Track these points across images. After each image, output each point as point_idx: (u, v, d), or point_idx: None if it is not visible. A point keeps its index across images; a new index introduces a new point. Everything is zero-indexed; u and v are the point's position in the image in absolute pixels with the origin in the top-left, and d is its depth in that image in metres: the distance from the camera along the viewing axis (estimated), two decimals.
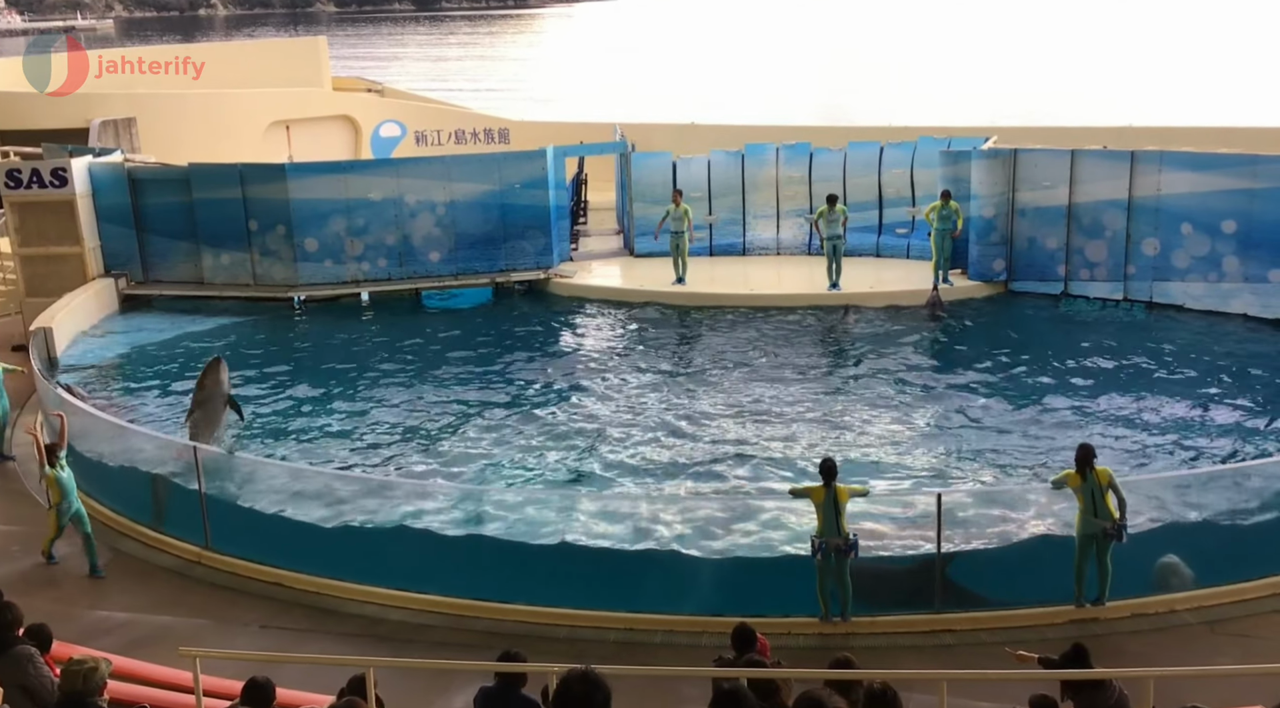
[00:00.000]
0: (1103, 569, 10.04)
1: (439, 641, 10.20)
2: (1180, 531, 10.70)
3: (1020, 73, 69.56)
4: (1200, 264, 18.00)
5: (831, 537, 9.88)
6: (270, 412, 15.61)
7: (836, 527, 9.88)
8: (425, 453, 14.12)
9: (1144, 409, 14.61)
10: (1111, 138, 21.39)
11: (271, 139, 28.56)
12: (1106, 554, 9.98)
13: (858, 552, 9.96)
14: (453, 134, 30.43)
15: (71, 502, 11.65)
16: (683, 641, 10.00)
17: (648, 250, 22.00)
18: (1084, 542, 10.00)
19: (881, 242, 21.66)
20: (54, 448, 11.72)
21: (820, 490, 9.94)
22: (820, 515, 9.93)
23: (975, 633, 10.04)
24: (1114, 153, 18.77)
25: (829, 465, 10.08)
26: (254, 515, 11.86)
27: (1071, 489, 9.98)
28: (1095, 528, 9.89)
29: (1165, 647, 9.64)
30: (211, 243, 20.63)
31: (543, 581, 10.78)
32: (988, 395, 15.30)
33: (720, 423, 14.75)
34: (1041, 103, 50.41)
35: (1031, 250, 19.29)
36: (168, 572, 11.82)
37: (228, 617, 10.83)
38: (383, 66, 77.33)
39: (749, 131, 26.25)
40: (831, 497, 9.88)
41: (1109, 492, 9.86)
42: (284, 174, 20.60)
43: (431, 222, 20.67)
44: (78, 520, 11.70)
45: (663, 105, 52.27)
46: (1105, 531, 9.86)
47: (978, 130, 23.65)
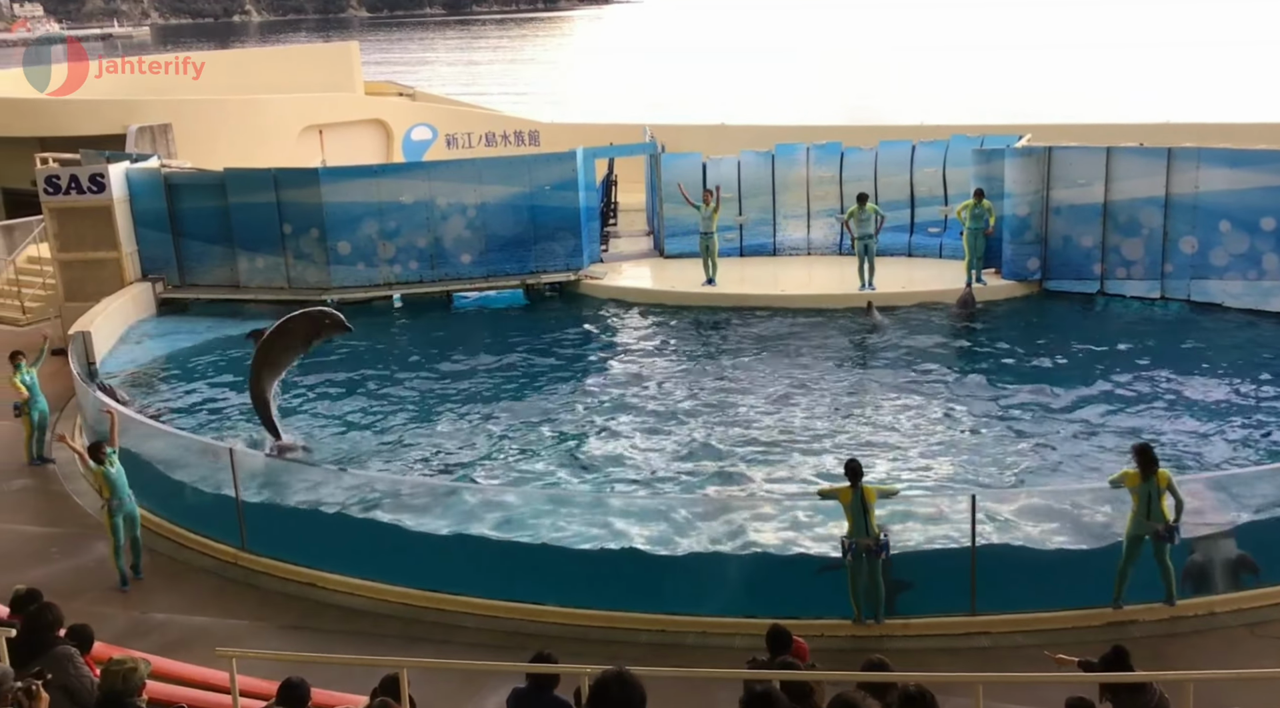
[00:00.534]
0: (1164, 569, 9.93)
1: (472, 642, 10.23)
2: (1220, 532, 10.53)
3: (1054, 69, 68.90)
4: (1239, 262, 17.74)
5: (861, 538, 9.84)
6: (305, 414, 15.72)
7: (866, 527, 9.82)
8: (457, 454, 14.17)
9: (1182, 409, 14.40)
10: (1148, 135, 21.13)
11: (305, 143, 28.79)
12: (1164, 555, 9.87)
13: (888, 552, 9.90)
14: (483, 137, 30.57)
15: (123, 501, 11.55)
16: (716, 642, 9.98)
17: (678, 251, 21.98)
18: (1132, 543, 9.89)
19: (914, 241, 21.51)
20: (99, 446, 11.67)
21: (847, 491, 9.90)
22: (849, 517, 9.89)
23: (1011, 635, 9.94)
24: (1150, 150, 18.54)
25: (854, 466, 10.03)
26: (289, 517, 11.95)
27: (1128, 489, 9.85)
28: (1146, 529, 9.77)
29: (1205, 650, 9.50)
30: (246, 247, 20.82)
31: (575, 582, 10.79)
32: (1022, 396, 15.14)
33: (751, 424, 14.70)
34: (1076, 100, 49.90)
35: (1067, 249, 19.09)
36: (204, 573, 11.95)
37: (263, 617, 10.92)
38: (414, 71, 77.88)
39: (779, 132, 26.16)
40: (859, 497, 9.84)
41: (1165, 494, 9.74)
42: (317, 178, 20.76)
43: (462, 224, 20.76)
44: (129, 522, 11.68)
45: (692, 106, 52.24)
46: (1157, 532, 9.74)
47: (1011, 128, 23.43)
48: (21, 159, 23.97)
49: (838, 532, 10.22)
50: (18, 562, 12.04)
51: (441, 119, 31.12)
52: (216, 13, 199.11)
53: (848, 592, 10.08)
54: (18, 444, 14.99)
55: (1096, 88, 56.90)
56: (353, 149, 29.04)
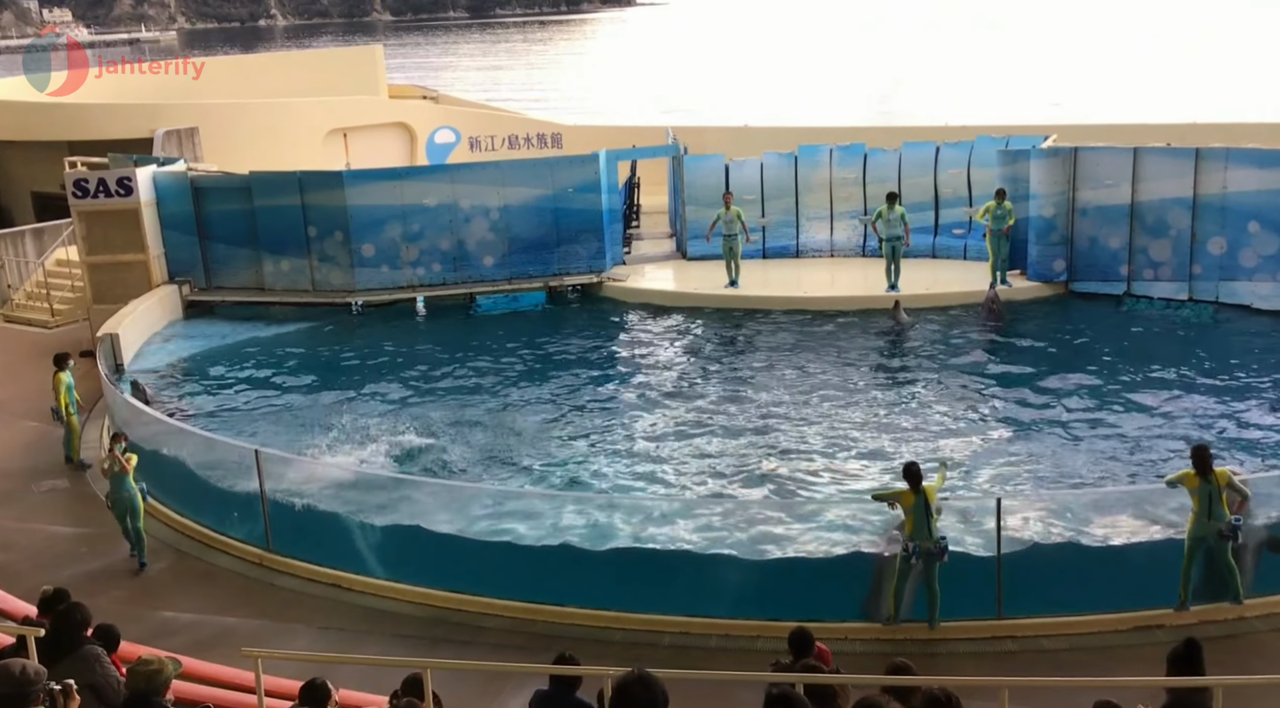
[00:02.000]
0: (1229, 569, 9.87)
1: (495, 643, 10.26)
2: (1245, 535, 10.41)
3: (1080, 70, 68.40)
4: (1268, 263, 17.54)
5: (924, 540, 9.77)
6: (332, 416, 15.81)
7: (929, 530, 9.77)
8: (482, 456, 14.20)
9: (1212, 411, 14.26)
10: (1175, 135, 20.93)
11: (330, 147, 28.97)
12: (1227, 555, 9.81)
13: (947, 555, 9.84)
14: (506, 139, 30.65)
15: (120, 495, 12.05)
16: (738, 645, 9.95)
17: (700, 253, 21.95)
18: (1194, 544, 9.83)
19: (938, 243, 21.39)
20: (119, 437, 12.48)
21: (909, 495, 9.83)
22: (911, 520, 9.80)
23: (1037, 639, 9.87)
24: (1178, 150, 18.37)
25: (914, 470, 9.93)
26: (314, 518, 12.02)
27: (1188, 491, 9.79)
28: (1209, 530, 9.71)
29: (1236, 654, 9.40)
30: (272, 250, 20.96)
31: (598, 583, 10.79)
32: (1048, 398, 15.04)
33: (776, 426, 14.66)
34: (1102, 100, 49.52)
35: (1093, 250, 18.94)
36: (230, 574, 12.03)
37: (288, 618, 10.98)
38: (437, 74, 78.21)
39: (802, 133, 26.07)
40: (922, 500, 9.78)
41: (1226, 493, 9.67)
42: (342, 181, 20.88)
43: (485, 226, 20.82)
44: (133, 514, 12.04)
45: (715, 108, 52.20)
46: (1220, 532, 9.68)
47: (1036, 128, 23.27)
48: (50, 162, 24.25)
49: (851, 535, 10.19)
50: (47, 561, 12.19)
51: (465, 122, 31.24)
52: (242, 17, 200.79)
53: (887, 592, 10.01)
54: (47, 446, 15.16)
55: (1123, 88, 56.45)
56: (377, 152, 29.19)
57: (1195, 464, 9.77)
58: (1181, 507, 10.44)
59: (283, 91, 30.85)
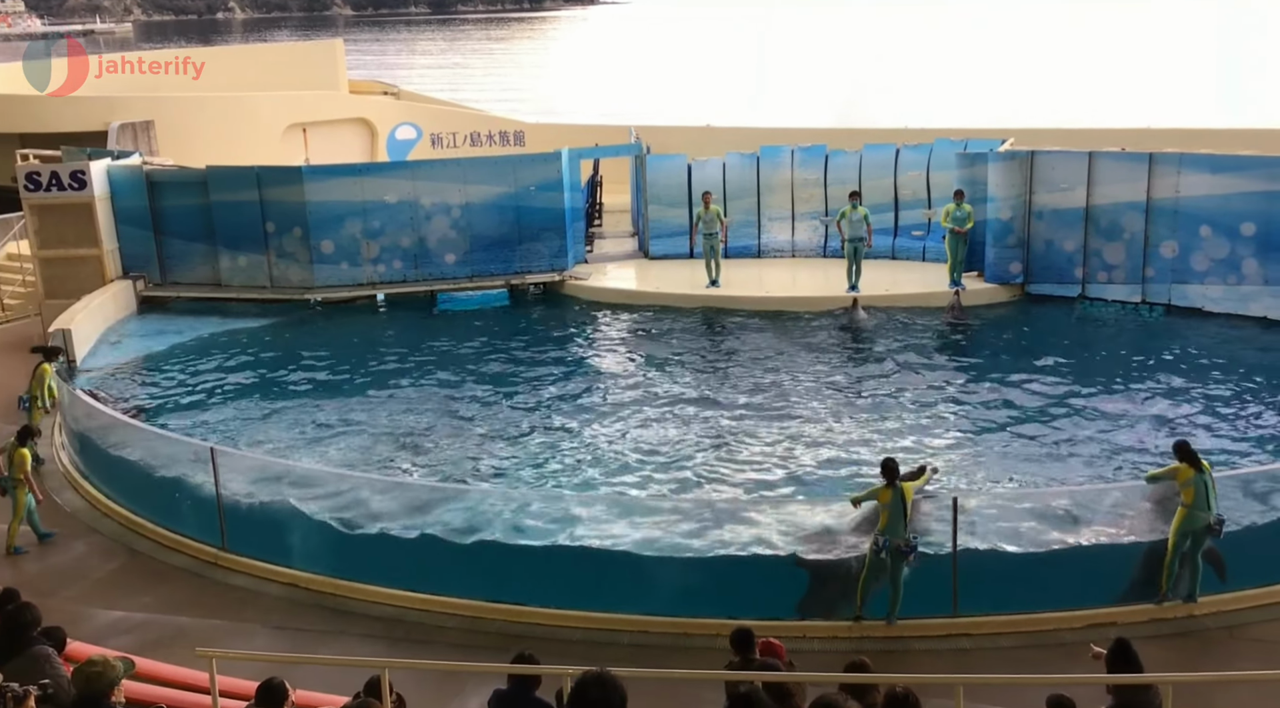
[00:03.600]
0: (1195, 567, 10.00)
1: (454, 642, 10.22)
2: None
3: (1037, 74, 69.29)
4: (1219, 267, 17.87)
5: (896, 537, 9.80)
6: (288, 413, 15.66)
7: (903, 527, 9.80)
8: (440, 454, 14.14)
9: (1164, 413, 14.49)
10: (1129, 139, 21.26)
11: (288, 142, 28.69)
12: (1199, 552, 9.94)
13: (917, 555, 9.89)
14: (468, 137, 30.52)
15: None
16: (698, 644, 9.98)
17: (662, 253, 22.01)
18: (1181, 538, 9.92)
19: (897, 244, 21.59)
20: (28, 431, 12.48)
21: (886, 491, 9.88)
22: (886, 515, 9.83)
23: (993, 637, 9.98)
24: (1132, 154, 18.65)
25: (891, 465, 9.98)
26: (270, 516, 11.89)
27: (1179, 484, 9.88)
28: (1201, 523, 9.81)
29: (1185, 651, 9.57)
30: (229, 245, 20.73)
31: (557, 582, 10.77)
32: (1004, 398, 15.21)
33: (735, 425, 14.72)
34: (1059, 104, 50.20)
35: (1049, 253, 19.19)
36: (184, 573, 11.87)
37: (244, 618, 10.87)
38: (398, 70, 77.67)
39: (764, 134, 26.21)
40: (899, 496, 9.82)
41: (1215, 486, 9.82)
42: (300, 177, 20.69)
43: (447, 224, 20.72)
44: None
45: (678, 108, 52.29)
46: (1209, 525, 9.78)
47: (994, 132, 23.51)
48: (2, 156, 23.80)
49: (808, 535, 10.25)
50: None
51: (426, 118, 31.05)
52: (200, 9, 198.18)
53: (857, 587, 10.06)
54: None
55: (1080, 92, 57.24)
56: (337, 148, 28.95)
57: (1183, 457, 9.87)
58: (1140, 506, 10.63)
59: (241, 86, 30.49)
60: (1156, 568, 10.19)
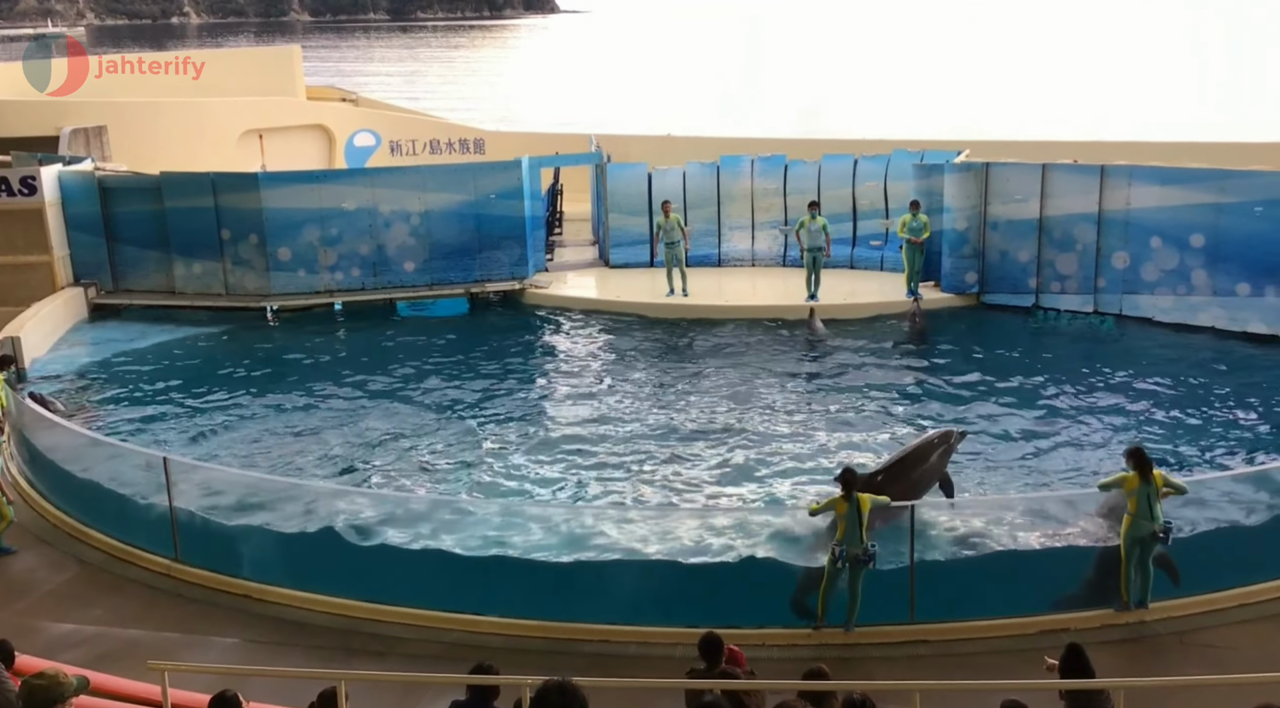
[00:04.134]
0: (1146, 573, 10.12)
1: (412, 653, 10.13)
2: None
3: (992, 87, 70.26)
4: (1169, 277, 18.19)
5: (853, 547, 9.82)
6: (242, 423, 15.49)
7: (860, 537, 9.84)
8: (398, 464, 14.04)
9: (1114, 422, 14.72)
10: (1082, 152, 21.60)
11: (245, 148, 28.40)
12: (1149, 558, 10.07)
13: (876, 563, 9.92)
14: (427, 144, 30.37)
15: None
16: (657, 652, 9.98)
17: (623, 261, 22.04)
18: (1132, 545, 10.06)
19: (856, 254, 21.77)
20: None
21: (842, 502, 9.89)
22: (844, 526, 9.85)
23: (948, 644, 10.07)
24: (1084, 167, 18.96)
25: (848, 476, 10.00)
26: (224, 527, 11.74)
27: (1125, 492, 10.02)
28: (1146, 531, 9.95)
29: (1136, 657, 9.71)
30: (183, 252, 20.50)
31: (516, 592, 10.73)
32: (960, 407, 15.37)
33: (694, 434, 14.75)
34: (1014, 117, 50.94)
35: (1004, 263, 19.45)
36: (136, 584, 11.67)
37: (198, 630, 10.71)
38: (357, 76, 77.22)
39: (724, 143, 26.33)
40: (855, 507, 9.84)
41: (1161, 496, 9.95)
42: (257, 183, 20.50)
43: (406, 231, 20.61)
44: None
45: (638, 117, 52.42)
46: (1154, 533, 9.94)
47: (950, 144, 23.84)
48: None
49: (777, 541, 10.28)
50: None
51: (385, 125, 30.89)
52: (154, 14, 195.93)
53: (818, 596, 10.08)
54: None
55: (1034, 105, 58.11)
56: (294, 154, 28.71)
57: (1134, 466, 10.01)
58: (1093, 513, 10.79)
59: (196, 91, 30.16)
60: (1109, 574, 10.34)
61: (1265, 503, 11.00)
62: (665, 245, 20.10)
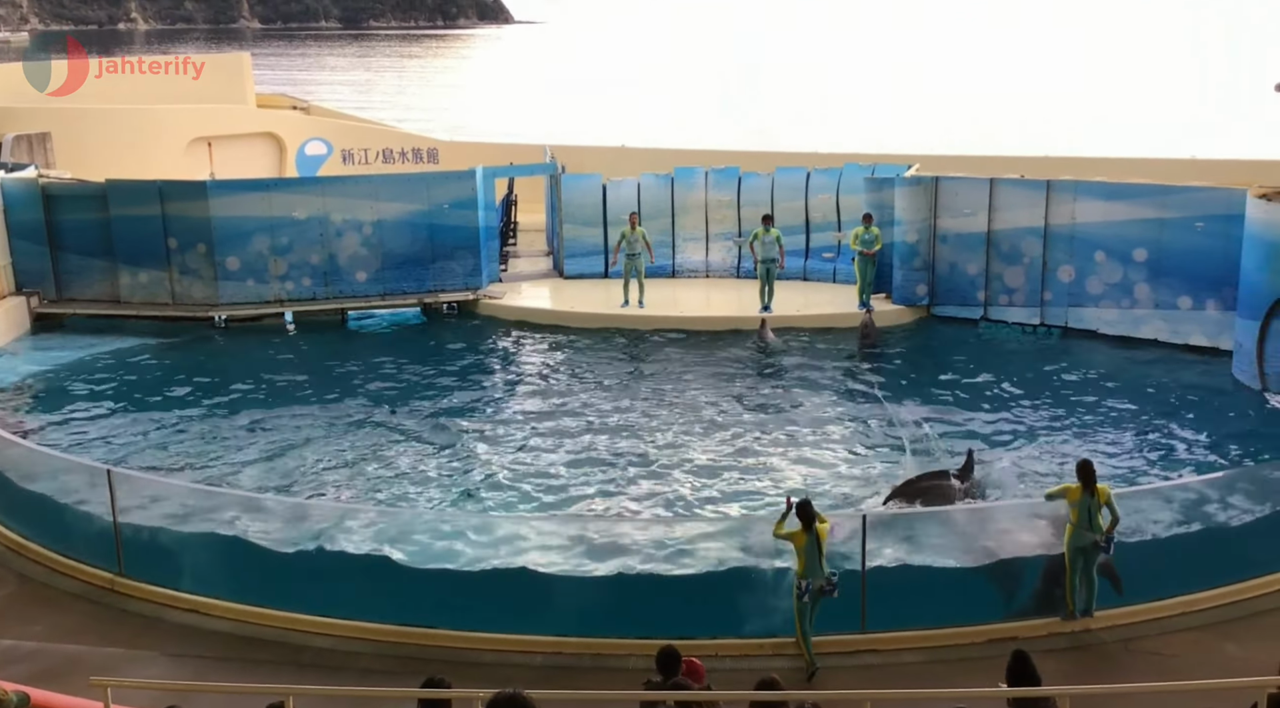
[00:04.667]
0: (1090, 582, 10.28)
1: (364, 668, 10.01)
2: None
3: (941, 103, 71.24)
4: (1113, 291, 18.54)
5: (816, 579, 9.71)
6: (188, 434, 15.25)
7: (820, 567, 9.74)
8: (348, 475, 13.90)
9: (1058, 433, 14.96)
10: (1029, 167, 21.97)
11: (193, 156, 28.03)
12: (1093, 567, 10.24)
13: (837, 590, 9.80)
14: (380, 153, 30.16)
15: None
16: (611, 664, 9.95)
17: (577, 272, 22.04)
18: (1074, 555, 10.21)
19: (809, 266, 21.96)
20: None
21: (801, 536, 9.72)
22: (803, 559, 9.71)
23: (898, 653, 10.16)
24: (1030, 182, 19.28)
25: (807, 509, 9.74)
26: (169, 540, 11.54)
27: (1069, 503, 10.16)
28: (1086, 541, 10.10)
29: (1082, 665, 9.85)
30: (129, 261, 20.18)
31: (468, 604, 10.66)
32: (912, 418, 15.52)
33: (648, 444, 14.77)
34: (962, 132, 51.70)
35: (953, 275, 19.71)
36: (78, 599, 11.44)
37: (142, 645, 10.51)
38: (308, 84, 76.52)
39: (678, 155, 26.45)
40: (814, 539, 9.70)
41: (1103, 508, 10.09)
42: (205, 191, 20.25)
43: (358, 241, 20.45)
44: None
45: (592, 128, 52.47)
46: (1095, 543, 10.09)
47: (901, 157, 24.14)
48: None
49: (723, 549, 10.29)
50: None
51: (337, 134, 30.61)
52: (100, 20, 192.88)
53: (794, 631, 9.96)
54: None
55: (982, 120, 59.01)
56: (243, 162, 28.37)
57: (1080, 478, 10.17)
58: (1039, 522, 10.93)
59: (143, 97, 29.70)
60: (1055, 583, 10.50)
61: (1206, 512, 11.22)
62: (627, 256, 20.13)
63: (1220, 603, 10.68)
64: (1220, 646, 10.07)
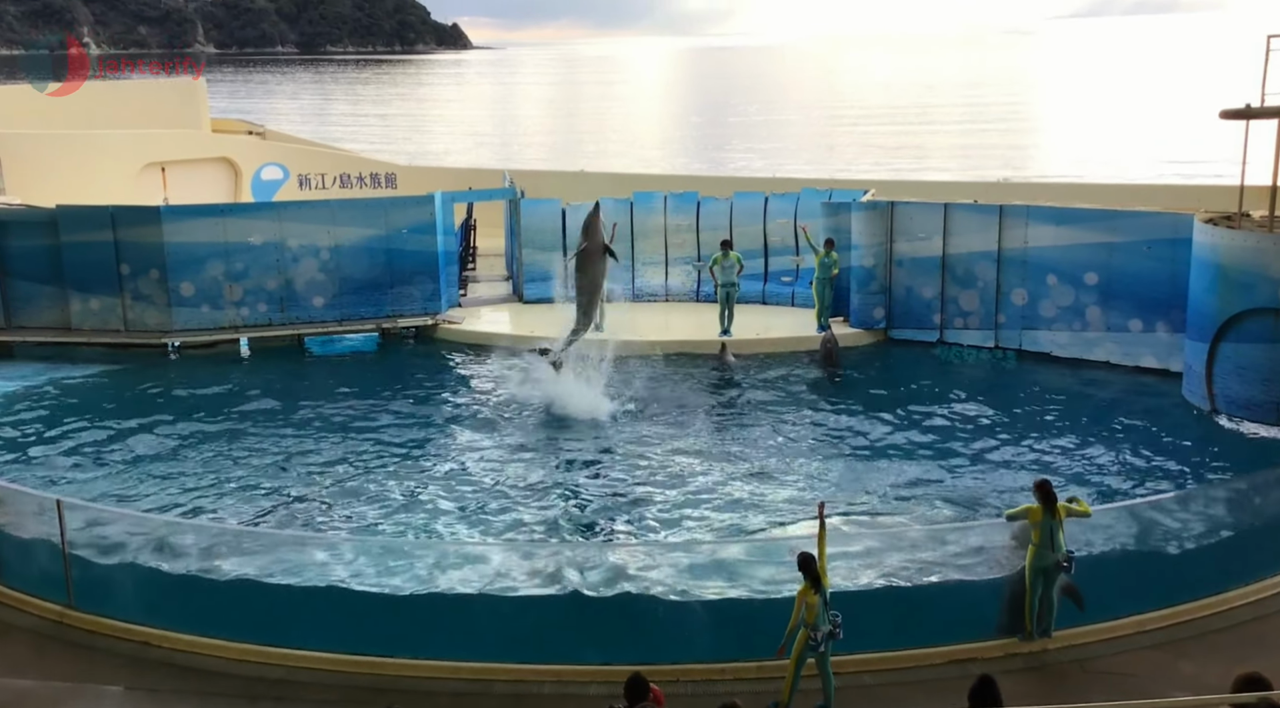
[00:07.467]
0: (1050, 603, 10.35)
1: (319, 698, 9.87)
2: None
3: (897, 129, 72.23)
4: (1065, 314, 18.82)
5: (824, 627, 9.46)
6: (140, 464, 15.00)
7: (826, 615, 9.49)
8: (303, 504, 13.73)
9: (1013, 453, 15.11)
10: (982, 192, 22.32)
11: (146, 181, 27.73)
12: (1054, 587, 10.30)
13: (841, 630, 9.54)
14: (338, 178, 30.03)
15: None
16: (572, 691, 9.88)
17: (537, 296, 22.01)
18: (1036, 575, 10.27)
19: (768, 290, 22.10)
20: None
21: (808, 588, 9.41)
22: (811, 612, 9.41)
23: (856, 675, 10.17)
24: (984, 207, 19.58)
25: (807, 562, 9.40)
26: (120, 572, 11.31)
27: (1030, 524, 10.22)
28: (1049, 561, 10.17)
29: (1039, 685, 9.92)
30: (79, 287, 19.90)
31: (426, 632, 10.54)
32: (871, 440, 15.63)
33: (609, 469, 14.75)
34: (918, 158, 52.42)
35: (909, 299, 19.93)
36: (27, 632, 11.17)
37: (93, 678, 10.28)
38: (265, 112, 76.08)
39: (637, 180, 26.59)
40: (823, 596, 9.42)
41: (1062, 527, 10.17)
42: (159, 217, 20.04)
43: (315, 266, 20.31)
44: None
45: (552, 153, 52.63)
46: (1058, 563, 10.16)
47: (857, 182, 24.44)
48: None
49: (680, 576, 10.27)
50: None
51: (293, 159, 30.45)
52: (52, 44, 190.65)
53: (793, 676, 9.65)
54: None
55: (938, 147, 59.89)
56: (198, 188, 28.13)
57: (1039, 498, 10.24)
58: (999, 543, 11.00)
59: (95, 123, 29.37)
60: (1015, 604, 10.57)
61: (1157, 533, 11.37)
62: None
63: (1173, 622, 10.81)
64: (1175, 664, 10.18)
